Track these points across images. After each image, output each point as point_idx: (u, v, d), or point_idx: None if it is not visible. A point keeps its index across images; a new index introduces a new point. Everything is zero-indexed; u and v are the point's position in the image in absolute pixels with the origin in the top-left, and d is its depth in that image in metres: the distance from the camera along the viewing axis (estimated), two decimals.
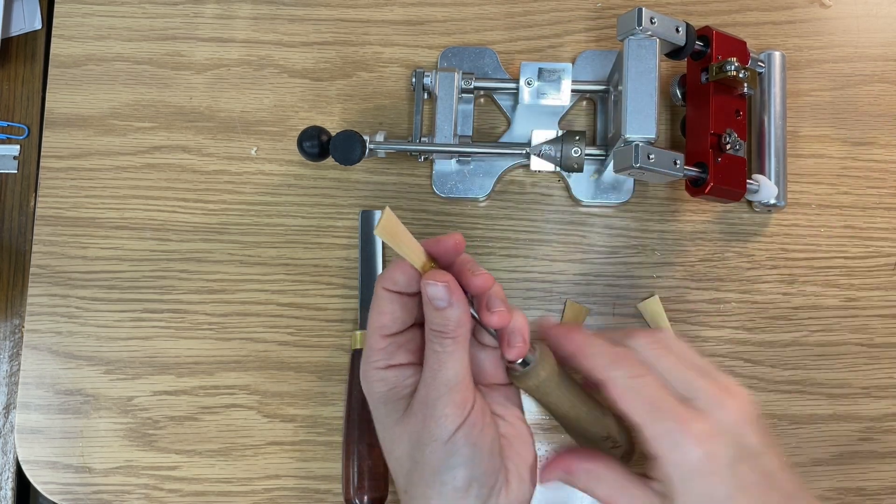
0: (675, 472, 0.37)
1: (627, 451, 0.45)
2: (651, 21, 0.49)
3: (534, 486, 0.40)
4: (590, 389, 0.43)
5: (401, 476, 0.39)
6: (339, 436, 0.56)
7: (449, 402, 0.37)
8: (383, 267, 0.57)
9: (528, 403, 0.52)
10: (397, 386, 0.39)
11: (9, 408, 0.59)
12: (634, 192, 0.57)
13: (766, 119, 0.56)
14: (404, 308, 0.39)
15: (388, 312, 0.39)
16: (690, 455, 0.37)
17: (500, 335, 0.39)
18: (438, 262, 0.39)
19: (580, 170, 0.53)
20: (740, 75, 0.51)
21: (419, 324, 0.41)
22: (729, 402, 0.39)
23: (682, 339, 0.43)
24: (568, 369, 0.42)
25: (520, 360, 0.40)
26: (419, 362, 0.40)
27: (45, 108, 0.60)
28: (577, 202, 0.58)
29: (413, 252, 0.37)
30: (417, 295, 0.39)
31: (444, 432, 0.37)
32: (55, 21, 0.61)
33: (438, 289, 0.36)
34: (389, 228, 0.36)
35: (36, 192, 0.60)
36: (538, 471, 0.41)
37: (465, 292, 0.38)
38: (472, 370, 0.39)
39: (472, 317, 0.38)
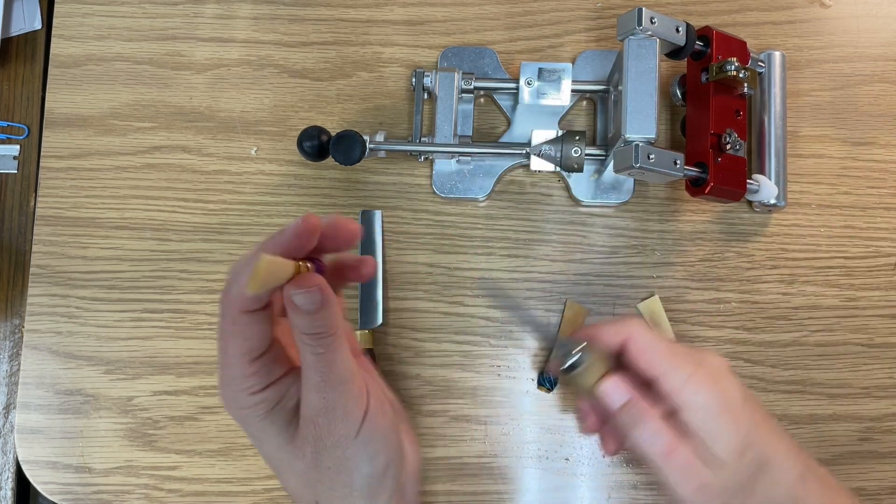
0: (701, 414, 0.40)
1: None
2: (651, 21, 0.49)
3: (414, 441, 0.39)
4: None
5: (305, 491, 0.37)
6: None
7: (349, 398, 0.34)
8: (384, 266, 0.57)
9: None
10: (282, 399, 0.36)
11: (9, 408, 0.59)
12: (634, 192, 0.57)
13: (766, 119, 0.56)
14: (266, 323, 0.36)
15: (254, 337, 0.35)
16: (709, 395, 0.40)
17: (358, 269, 0.38)
18: (297, 255, 0.35)
19: (580, 170, 0.53)
20: (740, 75, 0.51)
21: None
22: (708, 355, 0.43)
23: None
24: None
25: (570, 363, 0.42)
26: (295, 365, 0.37)
27: (45, 108, 0.60)
28: (577, 202, 0.58)
29: (286, 272, 0.33)
30: (271, 305, 0.36)
31: (351, 429, 0.35)
32: (55, 21, 0.61)
33: (311, 294, 0.33)
34: (262, 281, 0.32)
35: (36, 192, 0.60)
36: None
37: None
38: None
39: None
